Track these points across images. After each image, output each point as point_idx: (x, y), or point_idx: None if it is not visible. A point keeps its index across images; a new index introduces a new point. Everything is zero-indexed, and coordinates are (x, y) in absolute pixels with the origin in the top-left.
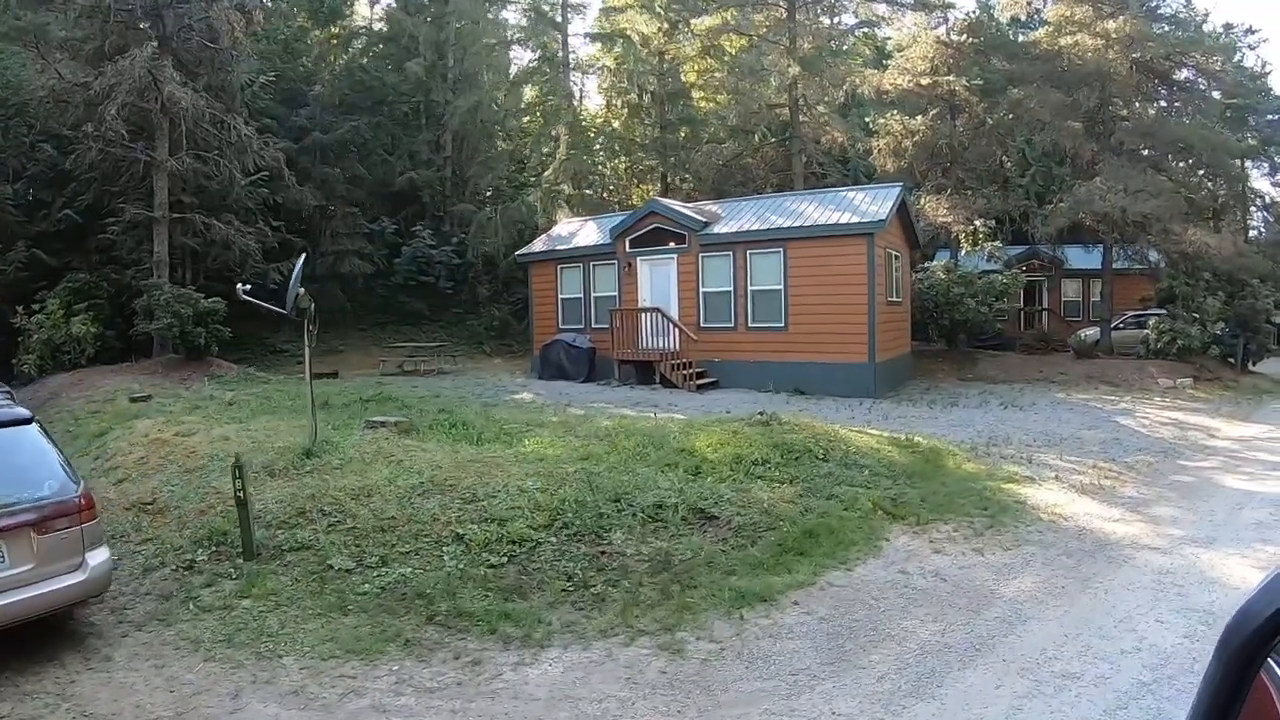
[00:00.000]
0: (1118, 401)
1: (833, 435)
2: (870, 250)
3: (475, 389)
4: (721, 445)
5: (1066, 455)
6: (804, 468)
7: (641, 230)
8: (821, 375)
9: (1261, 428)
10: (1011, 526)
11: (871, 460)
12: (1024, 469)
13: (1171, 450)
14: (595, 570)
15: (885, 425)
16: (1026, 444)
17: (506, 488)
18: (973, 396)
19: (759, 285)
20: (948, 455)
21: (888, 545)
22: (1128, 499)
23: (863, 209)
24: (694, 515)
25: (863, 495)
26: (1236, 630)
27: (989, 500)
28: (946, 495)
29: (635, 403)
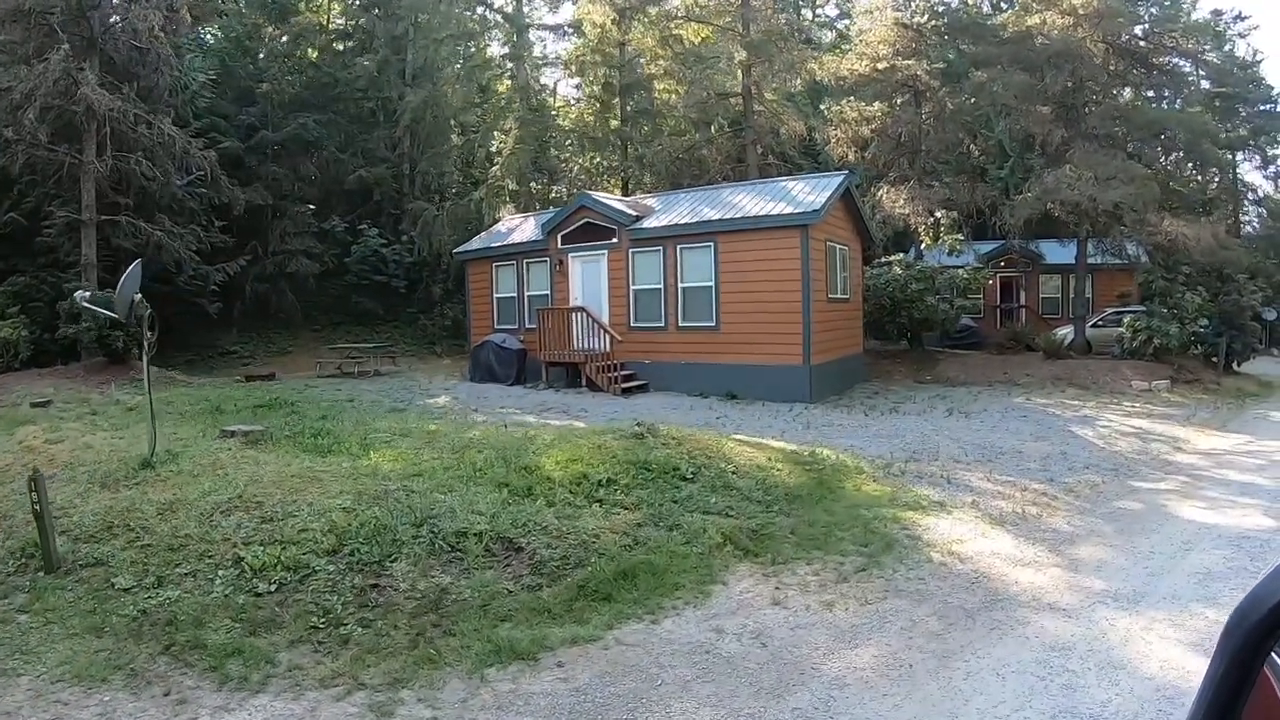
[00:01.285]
0: (1080, 407)
1: (715, 450)
2: (804, 243)
3: (397, 392)
4: (573, 462)
5: (996, 474)
6: (658, 490)
7: (572, 226)
8: (754, 378)
9: (1237, 439)
10: (888, 570)
11: (751, 481)
12: (938, 492)
13: (1125, 468)
14: (358, 606)
15: (803, 436)
16: (955, 459)
17: (311, 506)
18: (921, 401)
19: (689, 282)
20: (850, 474)
21: (721, 591)
22: (1050, 534)
23: (798, 199)
24: (499, 545)
25: (715, 525)
26: (1241, 621)
27: (875, 533)
28: (825, 526)
29: (546, 409)
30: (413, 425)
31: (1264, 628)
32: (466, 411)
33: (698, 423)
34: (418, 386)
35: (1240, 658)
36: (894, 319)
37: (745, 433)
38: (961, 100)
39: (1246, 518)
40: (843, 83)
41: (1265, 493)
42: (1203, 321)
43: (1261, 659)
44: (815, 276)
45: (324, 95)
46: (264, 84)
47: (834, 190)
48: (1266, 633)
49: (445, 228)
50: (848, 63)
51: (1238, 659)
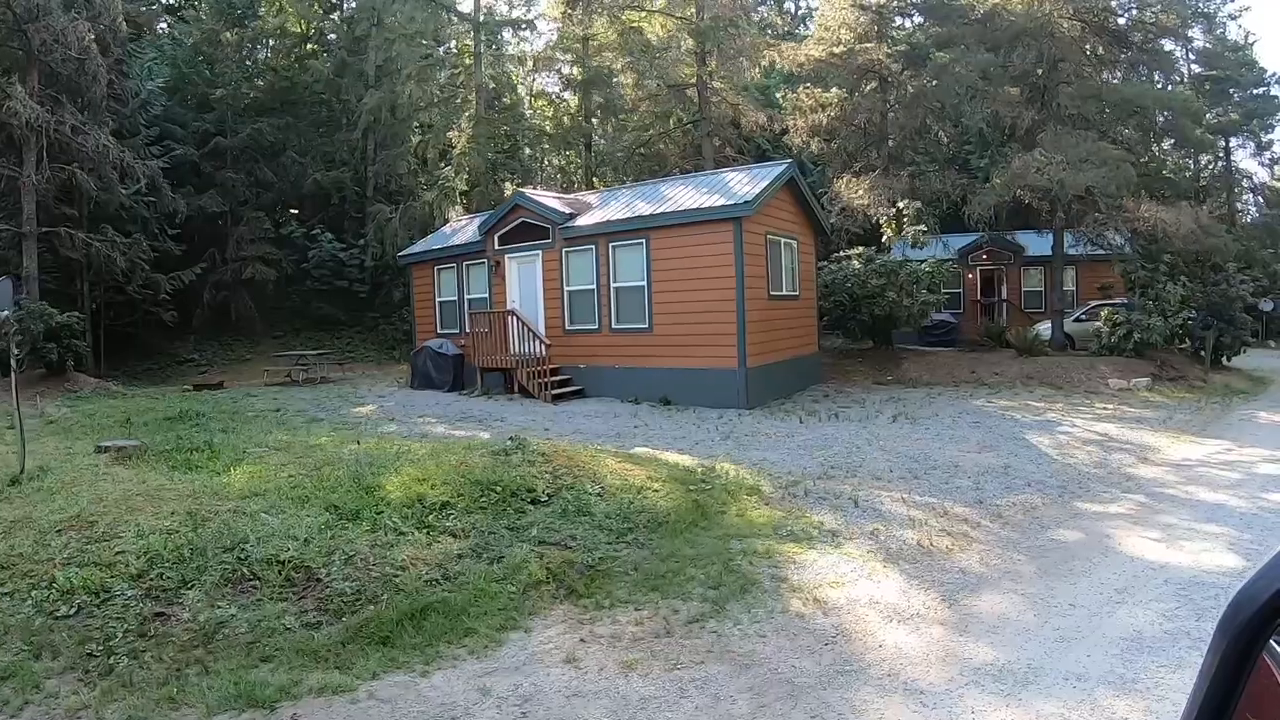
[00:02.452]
0: (1045, 410)
1: (586, 468)
2: (738, 238)
3: (329, 401)
4: (419, 481)
5: (917, 494)
6: (497, 516)
7: (509, 225)
8: (689, 383)
9: (1215, 445)
10: (728, 622)
11: (614, 505)
12: (836, 518)
13: (1075, 485)
14: (138, 635)
15: (714, 448)
16: (876, 476)
17: (138, 527)
18: (870, 405)
19: (622, 282)
20: (741, 496)
21: (518, 640)
22: (953, 576)
23: (733, 191)
24: (301, 575)
25: (545, 559)
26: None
27: (734, 572)
28: (680, 561)
29: (465, 418)
30: (300, 439)
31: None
32: (381, 422)
33: (610, 433)
34: (354, 394)
35: (1234, 652)
36: (855, 316)
37: (656, 444)
38: (923, 83)
39: (1206, 554)
40: (801, 70)
41: (1235, 518)
42: (1185, 314)
43: (1256, 653)
44: (752, 273)
45: (282, 99)
46: (219, 90)
47: (771, 180)
48: (1260, 626)
49: (400, 230)
50: (805, 49)
51: (1232, 654)
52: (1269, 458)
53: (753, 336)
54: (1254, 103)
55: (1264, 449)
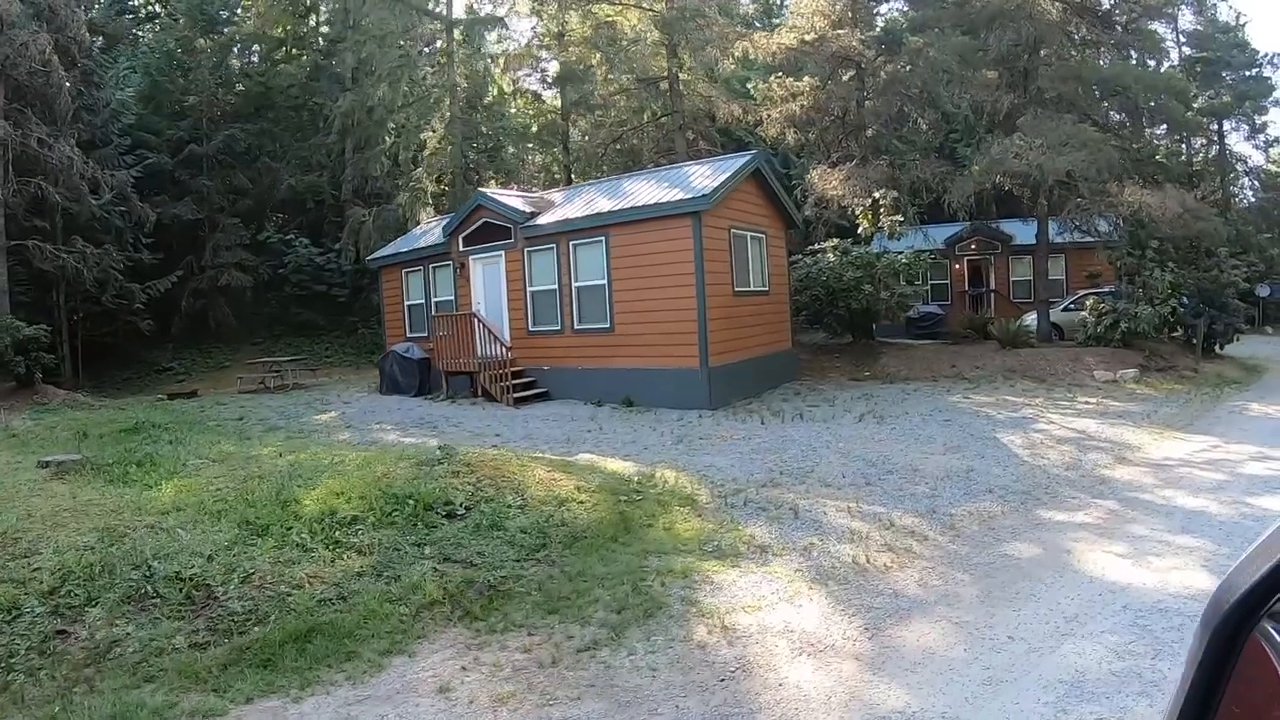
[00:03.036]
0: (1023, 406)
1: (512, 478)
2: (697, 232)
3: (294, 409)
4: (336, 495)
5: (866, 503)
6: (406, 531)
7: (472, 226)
8: (651, 384)
9: (1201, 443)
10: (622, 651)
11: (533, 518)
12: (772, 531)
13: (1041, 490)
14: (39, 653)
15: (663, 453)
16: (826, 482)
17: (59, 544)
18: (840, 403)
19: (584, 281)
20: (674, 506)
21: (400, 665)
22: (884, 599)
23: (692, 184)
24: (201, 593)
25: (445, 578)
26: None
27: (644, 594)
28: (590, 581)
29: (422, 424)
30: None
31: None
32: (336, 429)
33: (560, 438)
34: (321, 401)
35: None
36: (832, 311)
37: (603, 449)
38: (897, 68)
39: (1176, 573)
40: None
41: (1214, 528)
42: (1174, 302)
43: (1240, 642)
44: (715, 268)
45: (258, 105)
46: (192, 97)
47: (733, 172)
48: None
49: (375, 234)
50: (778, 37)
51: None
52: (1257, 455)
53: (716, 334)
54: (1246, 84)
55: (1252, 445)
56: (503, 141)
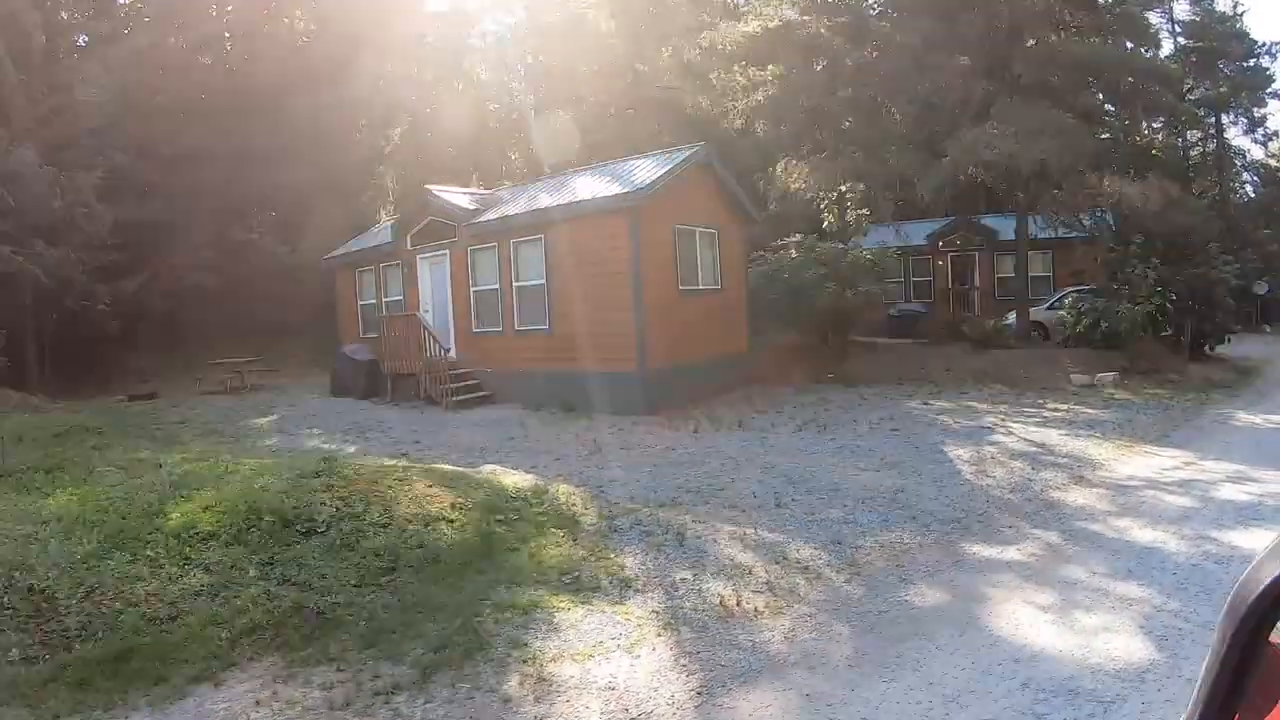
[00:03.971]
0: (985, 414)
1: (385, 493)
2: (633, 229)
3: (241, 411)
4: (208, 507)
5: (767, 529)
6: (259, 548)
7: (420, 224)
8: (589, 388)
9: (1174, 458)
10: (420, 698)
11: (394, 538)
12: (647, 560)
13: (975, 517)
14: None
15: (575, 465)
16: (733, 503)
17: None
18: (788, 410)
19: (524, 280)
20: (548, 529)
21: (202, 694)
22: (737, 654)
23: (632, 179)
24: (48, 606)
25: (273, 601)
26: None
27: (472, 631)
28: (424, 612)
29: (352, 430)
30: (151, 457)
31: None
32: (267, 435)
33: (477, 446)
34: (269, 404)
35: (1240, 638)
36: (796, 309)
37: (514, 459)
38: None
39: (1104, 636)
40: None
41: (1166, 572)
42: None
43: (1263, 638)
44: (654, 266)
45: (229, 103)
46: (159, 97)
47: (673, 165)
48: (1268, 609)
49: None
50: (743, 27)
51: (1238, 639)
52: (1235, 475)
53: (655, 336)
54: (1244, 75)
55: (1231, 462)
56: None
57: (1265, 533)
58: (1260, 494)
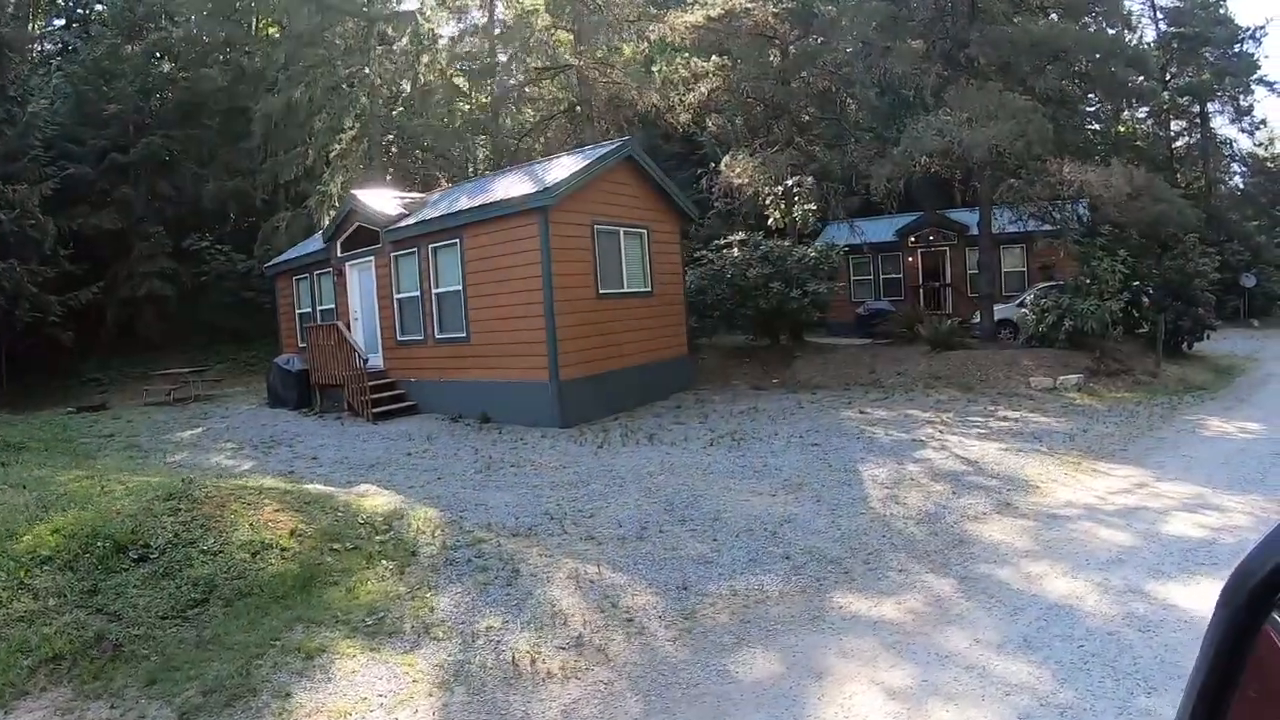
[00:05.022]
0: (925, 423)
1: (229, 517)
2: (543, 230)
3: (175, 423)
4: (59, 529)
5: (613, 566)
6: (86, 575)
7: (348, 230)
8: (506, 398)
9: (1125, 478)
10: None
11: (219, 565)
12: (465, 600)
13: (862, 557)
14: None
15: (455, 484)
16: (594, 533)
17: None
18: (713, 419)
19: (443, 287)
20: (377, 561)
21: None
22: None
23: (546, 178)
24: None
25: (79, 631)
26: (1238, 586)
27: (247, 675)
28: (216, 648)
29: (265, 444)
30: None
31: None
32: (183, 449)
33: (367, 463)
34: (204, 415)
35: (1237, 624)
36: (741, 311)
37: (399, 477)
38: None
39: None
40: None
41: (1070, 644)
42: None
43: (1259, 623)
44: (570, 270)
45: (184, 110)
46: (113, 105)
47: (589, 162)
48: (1263, 597)
49: (287, 240)
50: (686, 16)
51: (1235, 625)
52: (1192, 502)
53: (571, 344)
54: (1227, 61)
55: (1192, 483)
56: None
57: (1211, 586)
58: (1217, 528)
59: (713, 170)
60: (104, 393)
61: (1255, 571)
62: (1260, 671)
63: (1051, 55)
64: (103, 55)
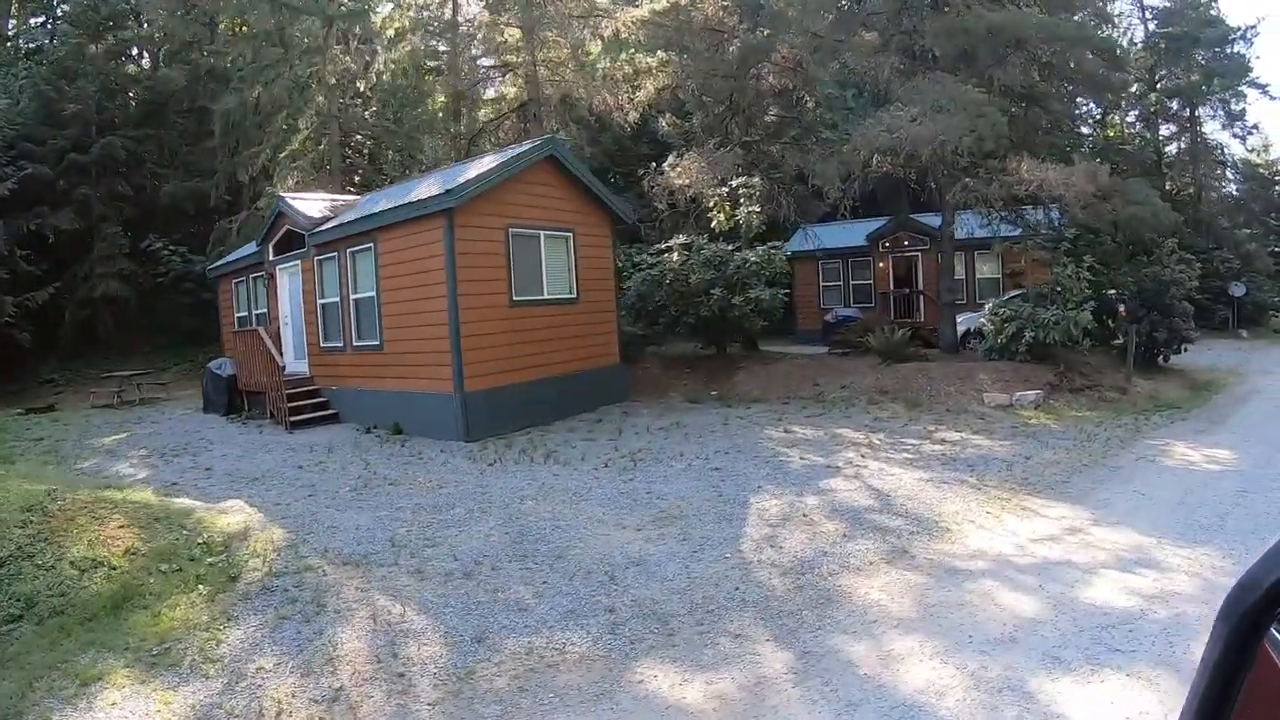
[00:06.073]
0: (847, 446)
1: (68, 532)
2: (448, 234)
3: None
4: None
5: (420, 609)
6: None
7: (279, 234)
8: (416, 409)
9: (1058, 518)
10: None
11: (46, 582)
12: (254, 635)
13: (700, 615)
14: None
15: (317, 503)
16: (422, 567)
17: None
18: (628, 435)
19: (360, 292)
20: (194, 585)
21: None
22: None
23: (455, 178)
24: None
25: None
26: (1237, 602)
27: (17, 699)
28: (9, 669)
29: (170, 452)
30: None
31: (1261, 607)
32: (94, 456)
33: (259, 474)
34: (138, 419)
35: (1236, 639)
36: (683, 319)
37: (273, 493)
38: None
39: None
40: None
41: None
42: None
43: (1258, 640)
44: (480, 275)
45: (147, 110)
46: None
47: (503, 161)
48: (1262, 613)
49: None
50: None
51: (1234, 640)
52: (1129, 556)
53: (478, 354)
54: (1217, 63)
55: (1134, 529)
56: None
57: (1119, 686)
58: (1150, 595)
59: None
60: (59, 394)
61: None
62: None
63: (1010, 44)
64: (66, 55)
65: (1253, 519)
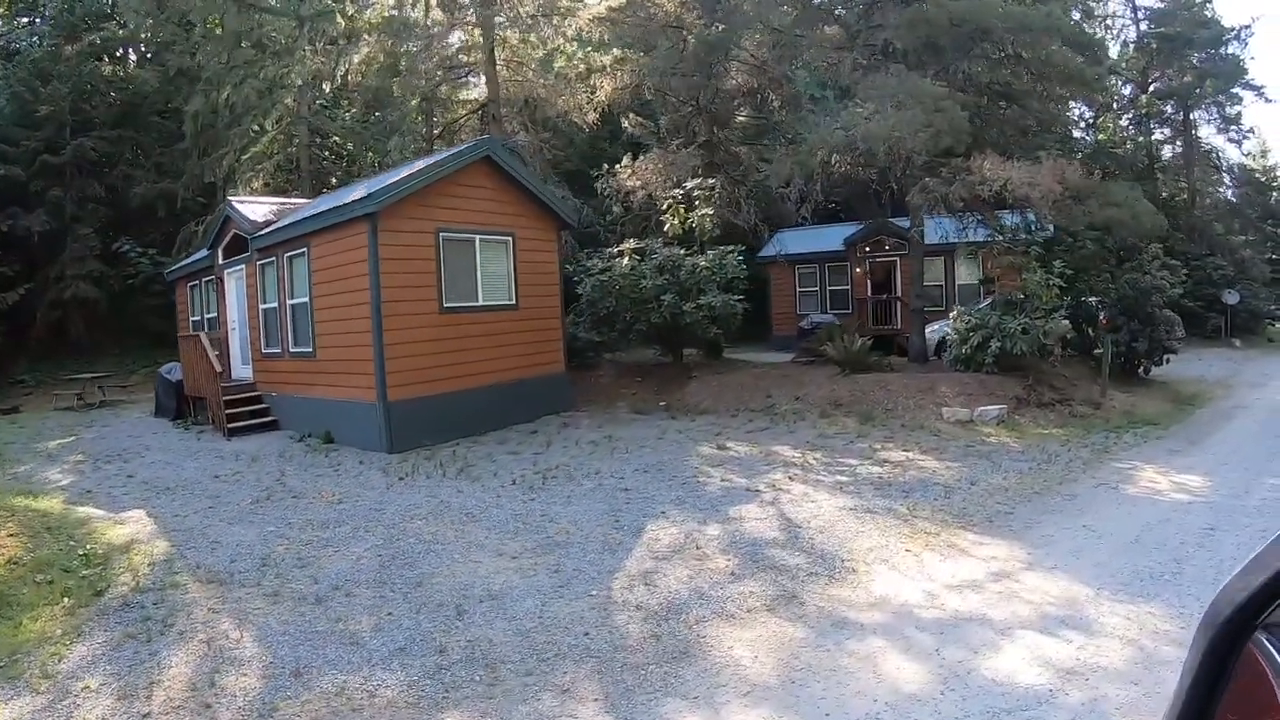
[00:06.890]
0: (776, 466)
1: None
2: (372, 238)
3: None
4: None
5: (258, 638)
6: None
7: (227, 237)
8: (344, 418)
9: (987, 558)
10: None
11: None
12: (100, 653)
13: (504, 673)
14: None
15: (214, 515)
16: (282, 588)
17: None
18: (555, 449)
19: (296, 298)
20: (60, 597)
21: None
22: None
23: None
24: None
25: None
26: (1216, 613)
27: None
28: None
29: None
30: None
31: (1238, 621)
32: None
33: (177, 483)
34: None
35: (1216, 651)
36: (635, 326)
37: (177, 504)
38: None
39: None
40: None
41: None
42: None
43: (1237, 651)
44: (406, 281)
45: (121, 111)
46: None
47: (433, 162)
48: (1241, 626)
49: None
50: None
51: (1213, 652)
52: (1055, 612)
53: (404, 363)
54: (1211, 63)
55: (1072, 576)
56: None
57: None
58: (1068, 669)
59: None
60: (28, 395)
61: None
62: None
63: (976, 35)
64: (43, 56)
65: (1215, 565)
